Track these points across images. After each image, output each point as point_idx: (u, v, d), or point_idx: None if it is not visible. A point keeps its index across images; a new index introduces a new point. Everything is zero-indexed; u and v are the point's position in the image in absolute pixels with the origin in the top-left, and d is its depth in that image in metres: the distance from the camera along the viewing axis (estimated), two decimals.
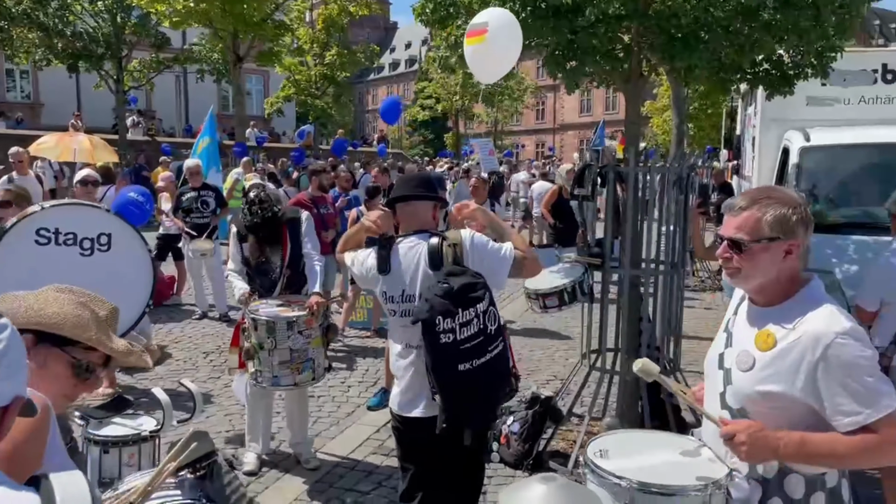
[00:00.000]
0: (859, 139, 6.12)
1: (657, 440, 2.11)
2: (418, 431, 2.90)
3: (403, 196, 3.04)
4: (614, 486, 1.90)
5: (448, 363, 2.73)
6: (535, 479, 1.80)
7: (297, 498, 4.31)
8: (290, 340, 4.14)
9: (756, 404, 1.93)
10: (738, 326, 2.06)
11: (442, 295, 2.70)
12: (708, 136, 25.68)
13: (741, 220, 1.95)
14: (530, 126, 59.04)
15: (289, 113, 34.11)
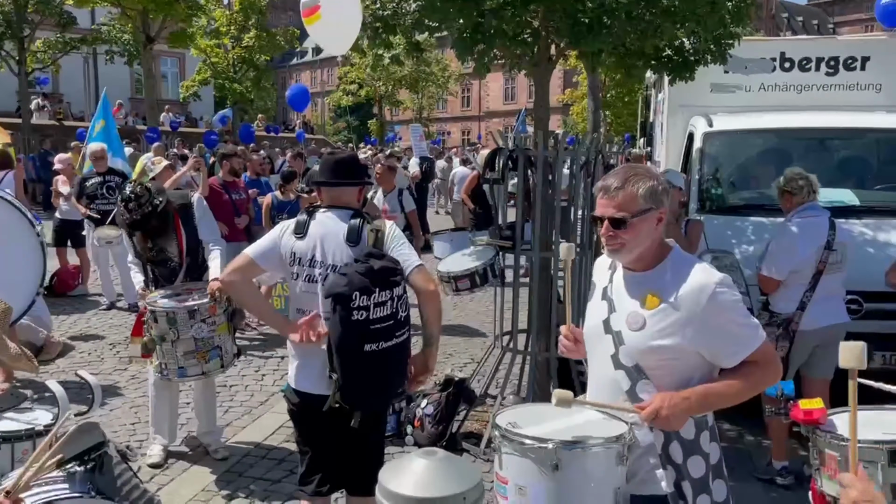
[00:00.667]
0: (758, 125, 6.38)
1: (552, 411, 2.16)
2: (318, 406, 2.86)
3: (328, 183, 3.05)
4: (539, 450, 1.95)
5: (355, 341, 2.73)
6: (417, 453, 1.81)
7: (204, 489, 4.20)
8: (192, 330, 4.02)
9: (650, 359, 2.09)
10: (618, 293, 2.20)
11: (363, 272, 2.73)
12: (625, 124, 26.32)
13: (620, 199, 2.12)
14: (456, 113, 59.18)
15: (206, 97, 33.00)
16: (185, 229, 4.51)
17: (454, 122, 58.45)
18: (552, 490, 1.95)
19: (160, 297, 4.23)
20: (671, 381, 2.09)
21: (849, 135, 6.33)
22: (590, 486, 1.97)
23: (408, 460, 1.80)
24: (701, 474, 2.10)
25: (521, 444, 1.98)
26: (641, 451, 2.09)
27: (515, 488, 1.98)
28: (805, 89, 6.93)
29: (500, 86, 55.46)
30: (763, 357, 2.09)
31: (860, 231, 5.37)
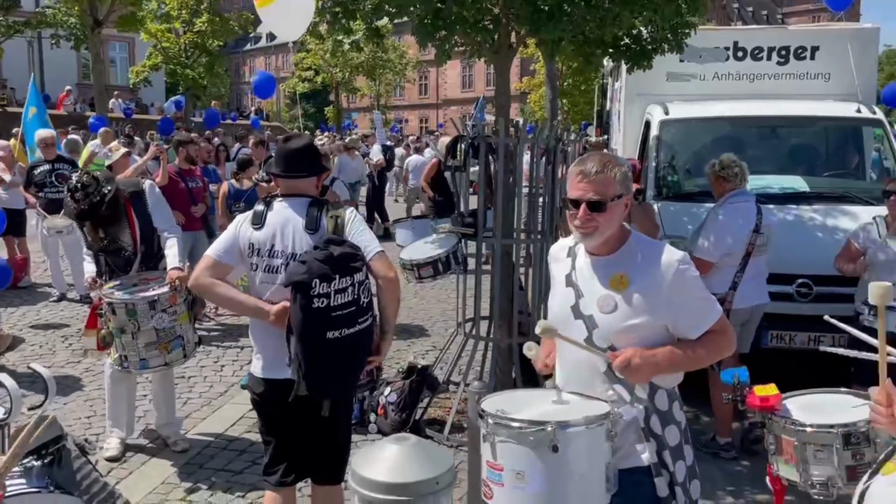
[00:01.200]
0: (712, 113, 6.51)
1: (530, 396, 2.22)
2: (283, 394, 2.83)
3: (284, 175, 3.00)
4: (537, 433, 1.94)
5: (317, 329, 2.70)
6: (389, 440, 1.82)
7: (164, 481, 4.14)
8: (153, 321, 3.93)
9: (624, 338, 2.16)
10: (583, 278, 2.24)
11: (322, 259, 2.70)
12: (582, 112, 26.54)
13: (599, 183, 2.16)
14: (413, 101, 58.94)
15: (157, 83, 32.19)
16: (138, 218, 4.39)
17: (412, 110, 58.20)
18: (552, 471, 1.95)
19: (116, 288, 4.13)
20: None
21: (799, 123, 6.50)
22: (585, 465, 2.00)
23: (380, 447, 1.81)
24: (676, 442, 2.21)
25: (518, 430, 1.97)
26: (624, 426, 2.14)
27: (512, 474, 1.96)
28: (757, 78, 7.07)
29: (458, 73, 55.38)
30: (721, 327, 2.23)
31: (810, 216, 5.53)
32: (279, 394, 2.84)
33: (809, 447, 2.43)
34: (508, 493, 1.97)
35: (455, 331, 5.51)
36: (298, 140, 3.06)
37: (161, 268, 4.45)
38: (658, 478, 2.15)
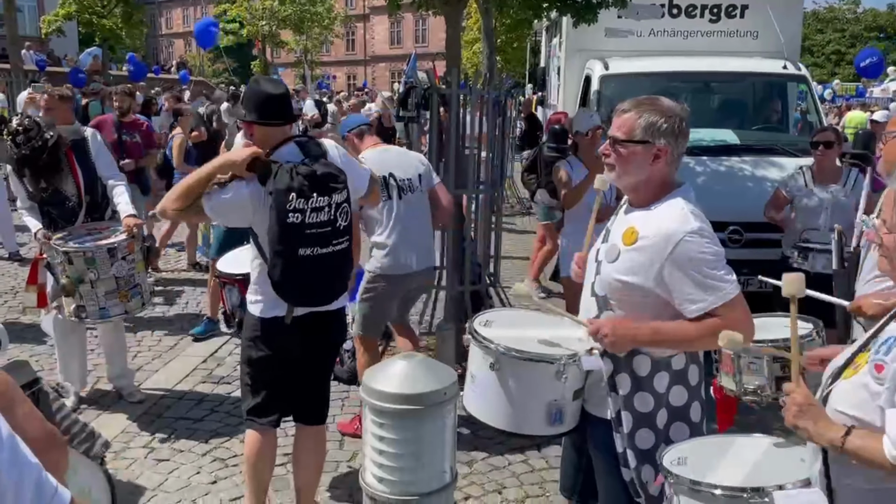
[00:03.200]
0: (650, 68, 6.75)
1: (545, 320, 2.36)
2: (280, 333, 2.90)
3: (263, 123, 2.87)
4: (486, 349, 2.18)
5: (289, 243, 2.73)
6: (398, 357, 1.94)
7: (124, 430, 4.15)
8: (113, 269, 3.88)
9: (616, 291, 2.18)
10: (615, 224, 2.29)
11: (304, 174, 2.70)
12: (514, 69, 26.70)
13: (621, 120, 2.16)
14: (341, 57, 57.66)
15: (71, 34, 30.44)
16: (81, 167, 4.27)
17: (339, 66, 56.96)
18: (490, 382, 2.20)
19: (66, 238, 4.04)
20: (634, 317, 2.17)
21: (731, 79, 6.82)
22: (523, 391, 2.19)
23: (390, 363, 1.95)
24: (647, 410, 2.19)
25: (477, 341, 2.21)
26: (597, 378, 2.24)
27: (470, 375, 2.24)
28: (691, 35, 7.35)
29: (386, 29, 54.45)
30: (726, 316, 2.04)
31: (740, 167, 5.86)
32: (277, 332, 2.90)
33: (744, 359, 2.70)
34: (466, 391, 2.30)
35: None
36: (275, 85, 2.93)
37: (108, 218, 4.37)
38: (616, 433, 2.20)
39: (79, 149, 4.30)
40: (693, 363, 2.29)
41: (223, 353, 5.31)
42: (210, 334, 5.59)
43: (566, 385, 2.21)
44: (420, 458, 2.16)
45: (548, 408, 2.21)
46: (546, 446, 3.95)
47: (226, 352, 5.33)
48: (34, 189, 4.22)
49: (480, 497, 3.60)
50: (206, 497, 3.51)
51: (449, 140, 4.82)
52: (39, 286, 4.38)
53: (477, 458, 3.93)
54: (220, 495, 3.53)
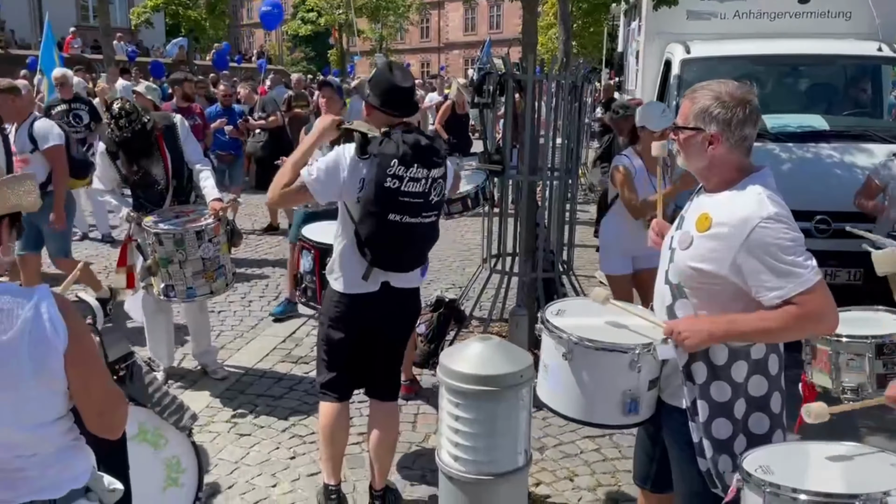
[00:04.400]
0: (734, 51, 6.52)
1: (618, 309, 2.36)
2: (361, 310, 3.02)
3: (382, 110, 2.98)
4: (559, 339, 2.19)
5: (381, 207, 2.83)
6: (474, 339, 1.97)
7: (208, 405, 4.34)
8: (201, 250, 4.06)
9: (690, 280, 2.14)
10: (689, 211, 2.26)
11: (409, 143, 2.81)
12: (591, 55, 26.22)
13: (682, 106, 2.17)
14: (415, 45, 57.92)
15: (158, 25, 31.67)
16: (169, 152, 4.46)
17: (413, 54, 57.22)
18: (564, 373, 2.20)
19: (155, 221, 4.24)
20: (710, 307, 2.13)
21: (820, 62, 6.52)
22: (596, 381, 2.19)
23: (466, 345, 1.99)
24: (724, 399, 2.14)
25: (550, 331, 2.22)
26: (673, 367, 2.22)
27: (543, 365, 2.26)
28: (778, 16, 7.05)
29: (461, 16, 54.37)
30: (806, 304, 1.98)
31: (828, 154, 5.61)
32: (359, 309, 3.02)
33: (843, 356, 2.59)
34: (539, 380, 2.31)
35: (480, 267, 5.65)
36: (405, 77, 3.02)
37: (192, 202, 4.55)
38: (692, 423, 2.17)
39: (169, 134, 4.49)
40: (773, 352, 2.22)
41: (301, 333, 5.47)
42: (289, 315, 5.77)
43: (641, 375, 2.20)
44: (495, 439, 2.20)
45: (622, 397, 2.20)
46: (619, 434, 3.92)
47: (304, 332, 5.49)
48: (127, 172, 4.42)
49: (551, 483, 3.61)
50: (284, 471, 3.65)
51: (523, 126, 4.80)
52: (128, 268, 4.61)
53: (548, 444, 3.94)
54: (298, 470, 3.66)
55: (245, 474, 3.61)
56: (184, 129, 4.60)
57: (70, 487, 1.68)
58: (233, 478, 3.58)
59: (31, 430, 1.60)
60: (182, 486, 2.87)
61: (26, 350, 1.55)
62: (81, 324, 1.70)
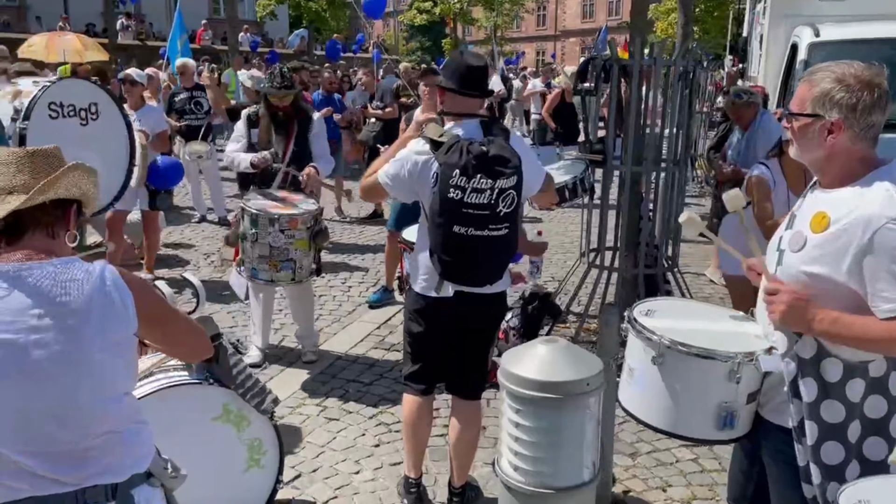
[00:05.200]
0: (869, 34, 5.95)
1: (713, 312, 2.16)
2: (436, 311, 2.97)
3: (456, 90, 2.91)
4: (648, 341, 2.01)
5: (447, 217, 2.76)
6: (539, 341, 1.85)
7: (301, 387, 4.42)
8: (270, 237, 4.09)
9: (801, 285, 1.91)
10: (802, 209, 2.02)
11: (475, 153, 2.70)
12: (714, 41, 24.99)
13: (799, 90, 1.93)
14: (531, 33, 57.35)
15: (282, 17, 32.97)
16: (296, 138, 4.58)
17: (528, 42, 56.67)
18: (653, 379, 2.01)
19: (256, 196, 4.36)
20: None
21: None
22: (687, 389, 1.99)
23: (530, 346, 1.87)
24: (836, 420, 1.91)
25: (636, 331, 2.04)
26: (776, 380, 2.00)
27: (627, 368, 2.08)
28: None
29: (578, 2, 53.28)
30: None
31: None
32: (434, 310, 2.97)
33: None
34: (622, 384, 2.15)
35: (578, 261, 5.47)
36: (477, 58, 2.98)
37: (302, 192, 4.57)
38: (798, 444, 1.94)
39: (304, 123, 4.63)
40: (895, 369, 1.95)
41: (396, 321, 5.50)
42: (385, 302, 5.81)
43: (739, 386, 1.98)
44: (557, 450, 2.04)
45: (717, 410, 1.99)
46: (720, 445, 3.66)
47: (398, 320, 5.50)
48: (259, 139, 4.60)
49: (642, 493, 3.42)
50: (368, 459, 3.65)
51: (628, 114, 4.58)
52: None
53: (641, 450, 3.74)
54: (382, 458, 3.65)
55: (330, 459, 3.64)
56: (320, 125, 4.74)
57: (132, 472, 1.69)
58: (318, 462, 3.62)
59: (102, 406, 1.62)
60: (264, 467, 2.92)
61: (96, 319, 1.58)
62: (141, 280, 1.74)
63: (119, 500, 1.64)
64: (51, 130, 3.96)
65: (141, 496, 1.69)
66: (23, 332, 1.52)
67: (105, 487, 1.63)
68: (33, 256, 1.59)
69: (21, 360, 1.52)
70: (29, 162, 1.61)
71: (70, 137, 3.96)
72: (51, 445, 1.57)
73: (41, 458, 1.56)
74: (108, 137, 4.26)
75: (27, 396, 1.53)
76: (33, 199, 1.57)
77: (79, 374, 1.57)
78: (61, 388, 1.55)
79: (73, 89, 4.24)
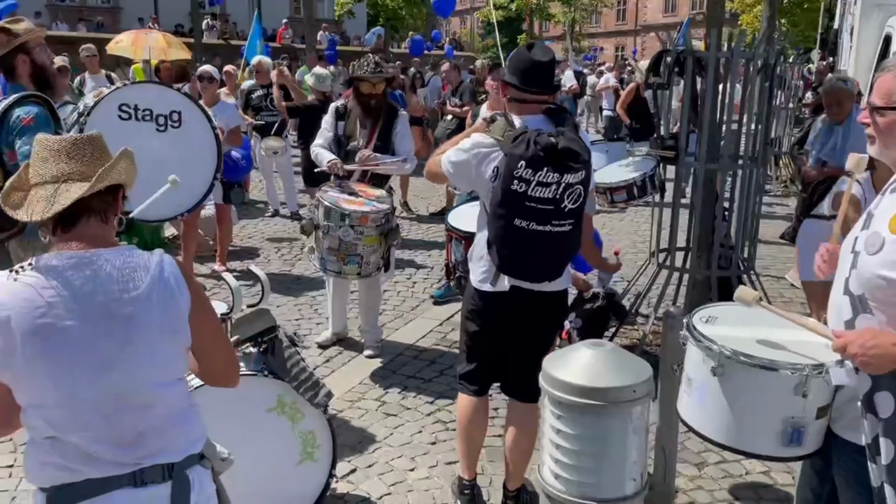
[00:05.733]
0: None
1: (778, 319, 2.00)
2: (493, 305, 2.90)
3: (518, 86, 2.84)
4: (708, 350, 1.90)
5: (508, 210, 2.67)
6: (584, 344, 1.76)
7: (361, 382, 4.43)
8: (340, 231, 4.11)
9: (878, 291, 1.76)
10: (881, 208, 1.86)
11: (542, 144, 2.60)
12: (803, 34, 23.87)
13: (881, 81, 1.80)
14: (610, 28, 56.25)
15: (360, 15, 33.46)
16: (380, 133, 4.54)
17: (607, 38, 55.63)
18: (712, 391, 1.89)
19: (333, 188, 4.39)
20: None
21: None
22: (749, 404, 1.87)
23: (574, 349, 1.78)
24: None
25: (695, 339, 1.92)
26: (850, 394, 1.86)
27: (686, 378, 1.97)
28: None
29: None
30: None
31: None
32: (491, 304, 2.90)
33: None
34: (681, 395, 2.05)
35: (647, 261, 5.30)
36: (543, 53, 2.87)
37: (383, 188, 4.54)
38: (871, 463, 1.80)
39: (388, 117, 4.58)
40: None
41: (458, 318, 5.43)
42: (449, 298, 5.78)
43: (808, 400, 1.84)
44: (601, 460, 1.93)
45: (783, 426, 1.86)
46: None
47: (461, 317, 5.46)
48: (347, 131, 4.61)
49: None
50: (424, 456, 3.62)
51: (704, 109, 4.38)
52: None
53: (709, 460, 3.57)
54: (438, 456, 3.62)
55: (386, 455, 3.63)
56: (404, 123, 4.65)
57: (188, 452, 1.72)
58: (374, 457, 3.61)
59: (161, 388, 1.66)
60: (317, 460, 2.93)
61: (156, 306, 1.62)
62: (198, 283, 1.78)
63: (175, 479, 1.68)
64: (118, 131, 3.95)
65: (195, 476, 1.72)
66: (87, 320, 1.56)
67: (162, 467, 1.66)
68: (90, 245, 1.63)
69: (85, 347, 1.56)
70: (77, 149, 1.63)
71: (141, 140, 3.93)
72: (111, 429, 1.60)
73: (101, 441, 1.60)
74: (192, 145, 4.22)
75: (91, 382, 1.57)
76: (95, 186, 1.60)
77: (140, 359, 1.61)
78: (123, 373, 1.59)
79: (150, 94, 4.22)
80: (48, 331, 1.53)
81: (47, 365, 1.54)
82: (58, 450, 1.59)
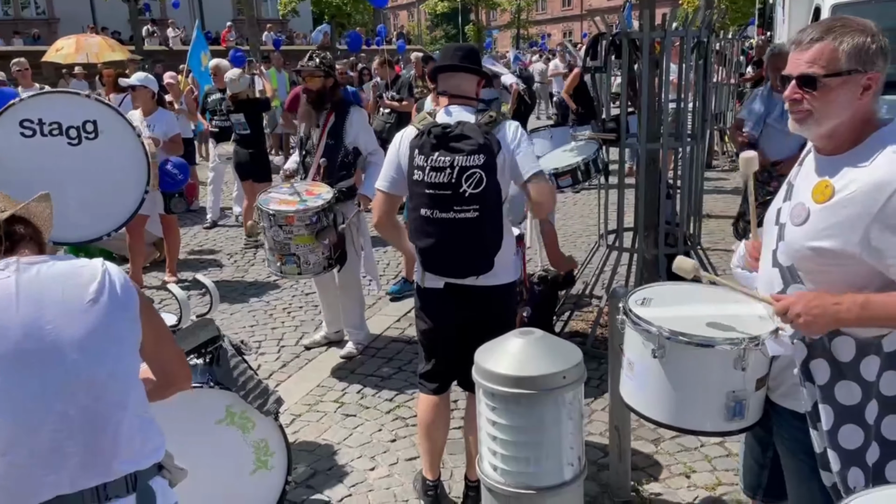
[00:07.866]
0: None
1: (715, 296, 2.03)
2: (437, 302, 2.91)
3: (448, 66, 2.87)
4: (647, 333, 1.90)
5: (415, 202, 2.73)
6: (513, 333, 1.76)
7: (319, 384, 4.40)
8: (271, 231, 4.10)
9: (807, 261, 1.79)
10: (800, 178, 1.88)
11: (435, 133, 2.64)
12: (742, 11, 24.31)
13: (814, 52, 1.73)
14: (556, 14, 56.67)
15: (304, 13, 33.09)
16: (331, 127, 4.43)
17: (554, 24, 56.03)
18: (652, 373, 1.90)
19: (281, 188, 4.35)
20: (830, 292, 1.75)
21: None
22: (691, 380, 1.88)
23: (504, 340, 1.76)
24: (852, 402, 1.79)
25: (633, 323, 1.92)
26: (785, 363, 1.89)
27: (627, 362, 1.98)
28: None
29: None
30: None
31: None
32: (430, 302, 2.92)
33: None
34: (623, 379, 2.05)
35: (597, 243, 5.35)
36: (461, 46, 3.01)
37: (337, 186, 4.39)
38: (813, 430, 1.84)
39: (339, 112, 4.45)
40: None
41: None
42: (405, 294, 5.76)
43: (747, 373, 1.86)
44: (538, 449, 1.91)
45: (725, 400, 1.88)
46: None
47: None
48: (299, 124, 4.59)
49: (664, 480, 3.31)
50: (384, 455, 3.61)
51: (641, 90, 4.42)
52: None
53: (664, 436, 3.63)
54: (398, 454, 3.61)
55: (345, 456, 3.61)
56: (360, 118, 4.52)
57: (151, 461, 1.68)
58: (333, 459, 3.58)
59: (122, 393, 1.62)
60: (272, 468, 2.89)
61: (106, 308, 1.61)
62: (139, 289, 1.75)
63: (139, 492, 1.64)
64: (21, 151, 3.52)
65: (157, 487, 1.69)
66: (36, 324, 1.54)
67: (125, 479, 1.61)
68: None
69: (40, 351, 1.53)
70: None
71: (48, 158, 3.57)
72: (72, 437, 1.55)
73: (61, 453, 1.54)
74: (115, 156, 3.87)
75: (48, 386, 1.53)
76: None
77: (97, 361, 1.58)
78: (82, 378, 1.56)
79: (58, 105, 3.78)
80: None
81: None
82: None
